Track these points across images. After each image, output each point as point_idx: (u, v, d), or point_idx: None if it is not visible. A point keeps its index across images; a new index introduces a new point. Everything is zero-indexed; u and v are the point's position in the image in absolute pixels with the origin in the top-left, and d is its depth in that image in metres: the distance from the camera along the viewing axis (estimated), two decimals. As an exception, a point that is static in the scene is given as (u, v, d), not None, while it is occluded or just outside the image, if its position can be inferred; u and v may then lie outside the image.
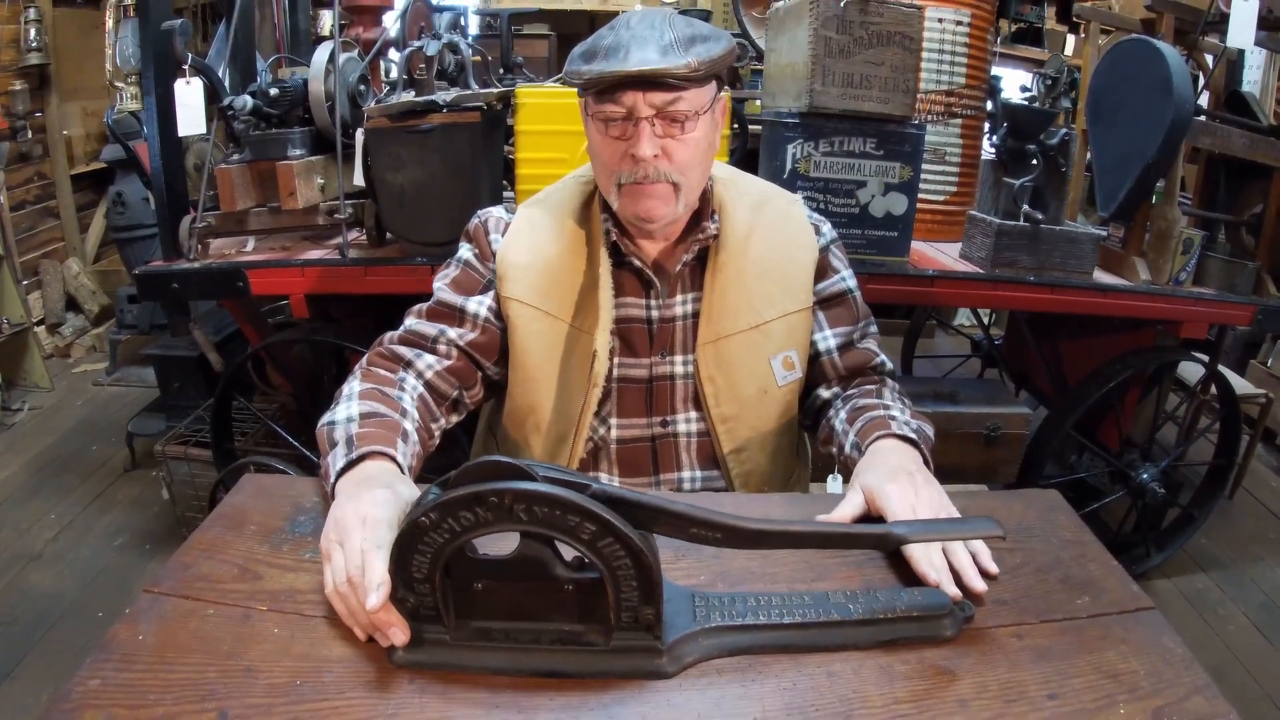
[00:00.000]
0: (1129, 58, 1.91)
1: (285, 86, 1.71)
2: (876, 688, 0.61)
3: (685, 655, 0.63)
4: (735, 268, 0.99)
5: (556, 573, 0.61)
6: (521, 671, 0.62)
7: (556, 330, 0.98)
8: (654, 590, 0.60)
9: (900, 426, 0.90)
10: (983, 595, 0.70)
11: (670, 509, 0.61)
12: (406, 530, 0.59)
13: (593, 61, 0.87)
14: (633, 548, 0.58)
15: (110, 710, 0.57)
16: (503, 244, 1.01)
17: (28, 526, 2.33)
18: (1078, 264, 1.84)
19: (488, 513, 0.58)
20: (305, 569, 0.73)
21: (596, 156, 0.94)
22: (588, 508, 0.57)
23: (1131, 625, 0.68)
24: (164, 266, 1.78)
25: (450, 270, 1.04)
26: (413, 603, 0.62)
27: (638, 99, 0.87)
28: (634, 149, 0.88)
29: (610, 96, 0.88)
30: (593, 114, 0.91)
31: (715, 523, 0.61)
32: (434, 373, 0.98)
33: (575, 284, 0.99)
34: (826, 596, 0.68)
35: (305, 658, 0.63)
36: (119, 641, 0.64)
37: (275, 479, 0.94)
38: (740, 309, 0.98)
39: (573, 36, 3.14)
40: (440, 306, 1.01)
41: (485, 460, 0.59)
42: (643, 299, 1.00)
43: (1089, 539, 0.82)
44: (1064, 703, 0.59)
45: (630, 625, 0.62)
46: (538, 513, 0.57)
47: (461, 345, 0.99)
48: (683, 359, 1.01)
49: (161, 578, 0.71)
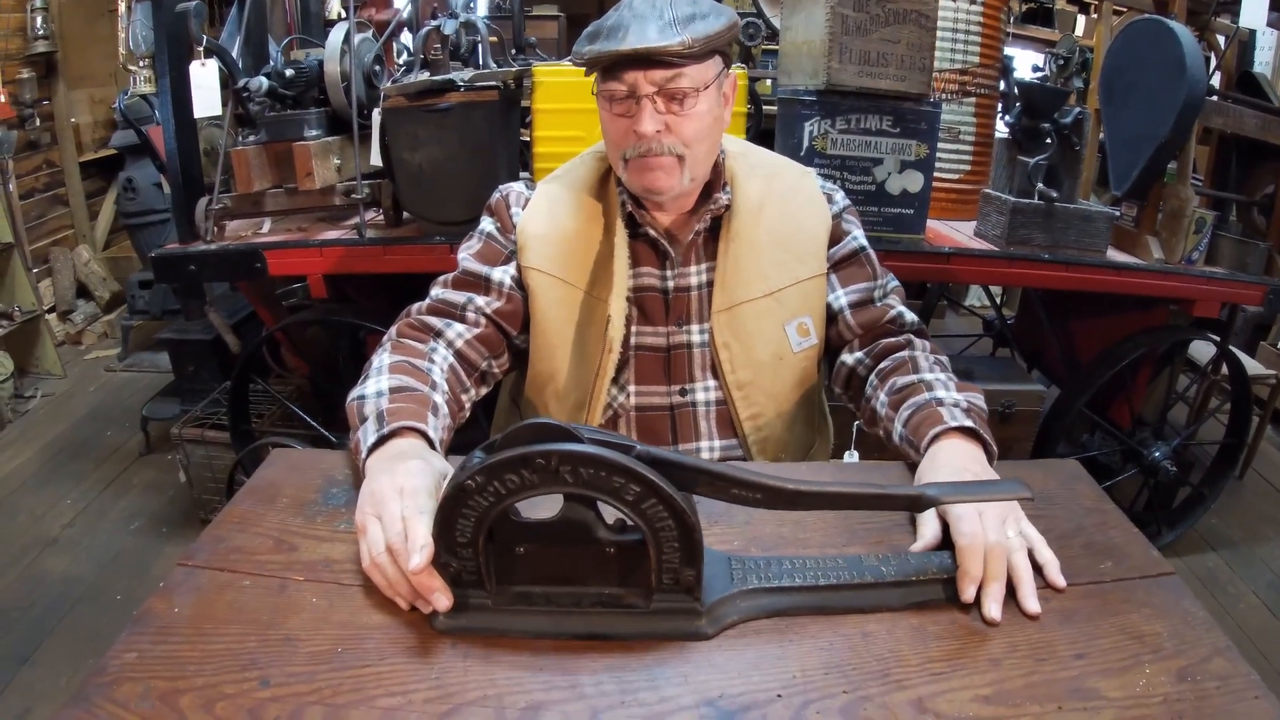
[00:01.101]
0: (1142, 37, 1.91)
1: (300, 67, 1.72)
2: (911, 647, 0.62)
3: (724, 616, 0.64)
4: (748, 236, 1.00)
5: (599, 535, 0.62)
6: (563, 634, 0.63)
7: (574, 298, 1.01)
8: (695, 551, 0.61)
9: (951, 414, 0.85)
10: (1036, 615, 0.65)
11: (712, 470, 0.62)
12: (451, 493, 0.60)
13: (595, 42, 0.90)
14: (676, 508, 0.59)
15: (148, 682, 0.57)
16: (523, 217, 1.03)
17: (43, 512, 2.34)
18: (1092, 242, 1.85)
19: (534, 475, 0.58)
20: (340, 539, 0.73)
21: (605, 131, 0.97)
22: (634, 469, 0.57)
23: (1154, 589, 0.69)
24: (180, 249, 1.79)
25: (473, 243, 1.06)
26: (455, 568, 0.63)
27: (638, 77, 0.89)
28: (637, 125, 0.91)
29: (613, 75, 0.90)
30: (599, 92, 0.94)
31: (756, 483, 0.62)
32: (464, 341, 0.99)
33: (592, 254, 1.01)
34: (860, 559, 0.69)
35: (346, 625, 0.63)
36: (154, 614, 0.64)
37: (305, 452, 0.94)
38: (753, 277, 1.00)
39: (582, 18, 3.13)
40: (467, 275, 1.03)
41: (532, 422, 0.60)
42: (658, 269, 1.02)
43: (1109, 507, 0.83)
44: (1091, 662, 0.60)
45: (670, 587, 0.62)
46: (583, 474, 0.58)
47: (489, 313, 1.01)
48: (699, 328, 1.02)
49: (195, 550, 0.71)
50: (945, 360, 0.99)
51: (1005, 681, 0.59)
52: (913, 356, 0.98)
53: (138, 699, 0.56)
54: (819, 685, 0.59)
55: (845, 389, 1.07)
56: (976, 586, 0.66)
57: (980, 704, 0.57)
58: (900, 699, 0.57)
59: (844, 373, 1.06)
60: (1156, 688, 0.58)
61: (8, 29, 3.28)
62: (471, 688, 0.58)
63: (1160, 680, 0.59)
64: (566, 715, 0.56)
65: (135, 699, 0.56)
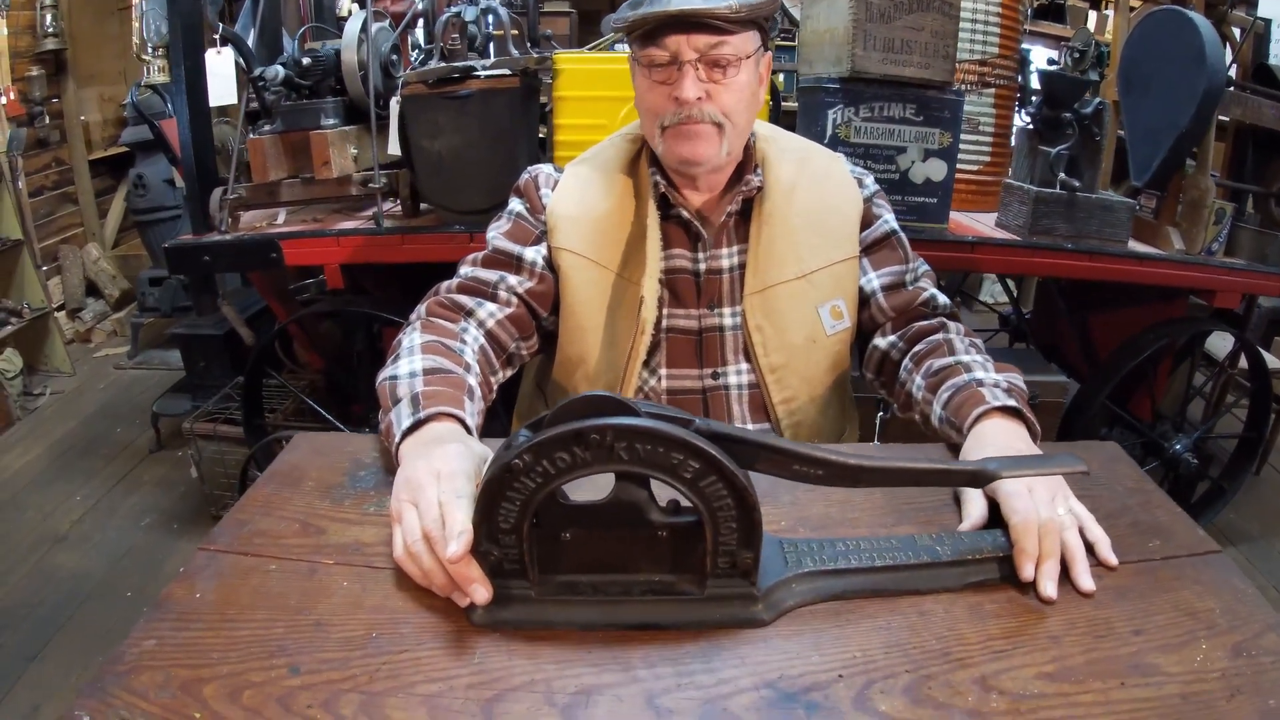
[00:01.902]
0: (1161, 28, 1.89)
1: (317, 56, 1.71)
2: (970, 626, 0.61)
3: (781, 602, 0.61)
4: (780, 219, 1.00)
5: (651, 518, 0.59)
6: (612, 625, 0.60)
7: (605, 280, 1.00)
8: (755, 532, 0.58)
9: (993, 394, 0.83)
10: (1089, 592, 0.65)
11: (774, 445, 0.59)
12: (496, 475, 0.56)
13: (639, 6, 0.89)
14: (737, 486, 0.56)
15: (169, 670, 0.54)
16: (553, 199, 1.02)
17: (52, 509, 2.33)
18: (1113, 232, 1.83)
19: (586, 452, 0.54)
20: (371, 522, 0.71)
21: (642, 101, 0.95)
22: (694, 444, 0.54)
23: (1202, 567, 0.68)
24: (194, 239, 1.78)
25: (502, 223, 1.05)
26: (496, 556, 0.59)
27: (681, 42, 0.88)
28: (678, 91, 0.90)
29: (654, 41, 0.89)
30: (638, 58, 0.92)
31: (818, 459, 0.60)
32: (495, 321, 0.97)
33: (623, 235, 1.00)
34: (914, 539, 0.67)
35: (380, 610, 0.60)
36: (175, 600, 0.61)
37: (330, 436, 0.91)
38: (786, 259, 0.99)
39: (594, 14, 3.13)
40: (498, 254, 1.01)
41: (586, 395, 0.56)
42: (690, 251, 1.01)
43: (1151, 487, 0.82)
44: (1149, 638, 0.60)
45: (726, 572, 0.60)
46: (639, 451, 0.54)
47: (520, 293, 0.99)
48: (730, 310, 1.01)
49: (216, 535, 0.68)
50: (979, 343, 0.98)
51: (1066, 659, 0.58)
52: (948, 339, 0.97)
53: (157, 688, 0.52)
54: (880, 665, 0.57)
55: (877, 374, 1.06)
56: (1034, 564, 0.65)
57: (1044, 681, 0.56)
58: (963, 677, 0.56)
59: (876, 357, 1.04)
60: (1214, 663, 0.57)
61: (18, 26, 3.27)
62: (517, 673, 0.56)
63: (1217, 655, 0.58)
64: (620, 699, 0.54)
65: (155, 688, 0.52)
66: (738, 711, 0.53)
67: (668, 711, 0.53)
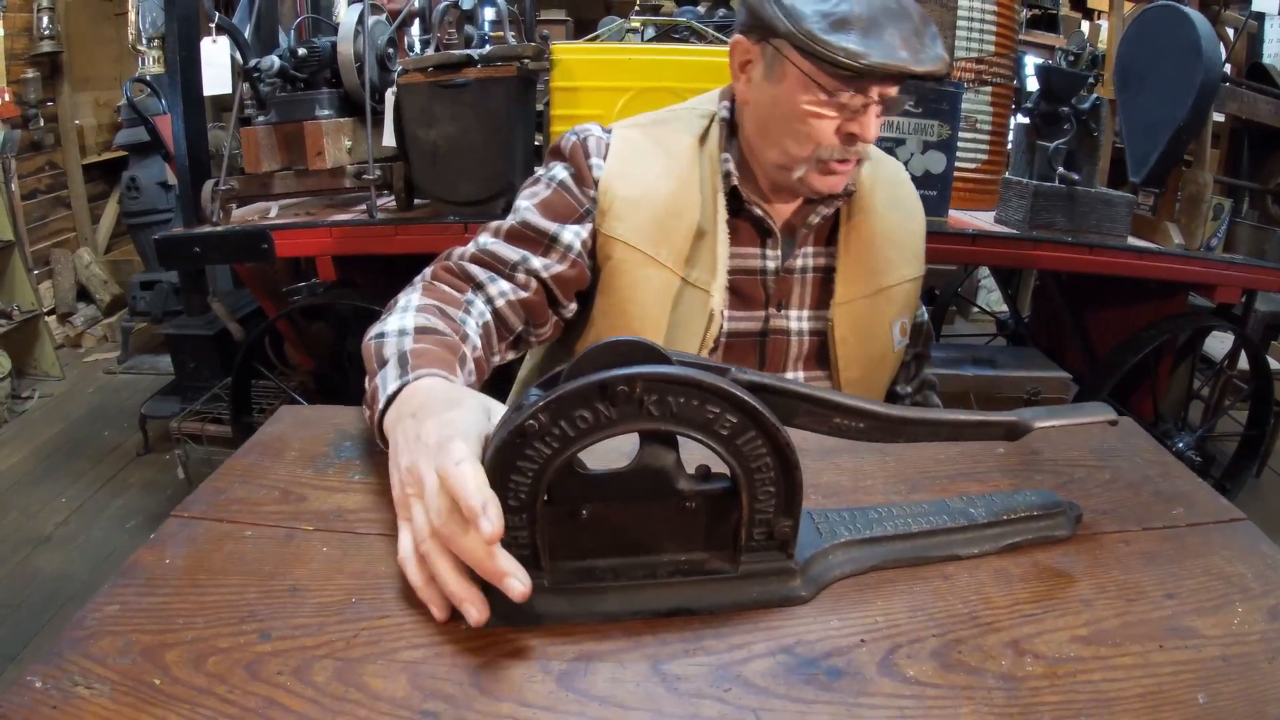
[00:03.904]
0: (1157, 24, 1.90)
1: (313, 47, 1.69)
2: (996, 589, 0.58)
3: (821, 575, 0.57)
4: (867, 228, 0.94)
5: (680, 486, 0.53)
6: (638, 614, 0.54)
7: (665, 281, 0.90)
8: (795, 496, 0.53)
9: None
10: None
11: (815, 396, 0.55)
12: (506, 441, 0.48)
13: (845, 33, 0.76)
14: (779, 442, 0.50)
15: (130, 636, 0.50)
16: (606, 171, 0.90)
17: (37, 510, 2.29)
18: (1113, 227, 1.83)
19: (612, 409, 0.47)
20: (355, 489, 0.67)
21: (799, 122, 0.83)
22: (735, 394, 0.48)
23: (1230, 533, 0.67)
24: (185, 231, 1.75)
25: (539, 189, 0.92)
26: (504, 541, 0.51)
27: (882, 90, 0.80)
28: (857, 129, 0.82)
29: (855, 83, 0.79)
30: (819, 82, 0.80)
31: (863, 410, 0.56)
32: (506, 301, 0.88)
33: (687, 230, 0.90)
34: (945, 503, 0.65)
35: (361, 575, 0.56)
36: (143, 565, 0.56)
37: (316, 408, 0.88)
38: (872, 271, 0.95)
39: (589, 22, 3.14)
40: (526, 230, 0.90)
41: (610, 341, 0.49)
42: (757, 248, 0.93)
43: (1170, 459, 0.81)
44: (1183, 602, 0.58)
45: (762, 544, 0.54)
46: (671, 405, 0.48)
47: (544, 277, 0.89)
48: (798, 314, 0.95)
49: (191, 502, 0.64)
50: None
51: (1101, 622, 0.55)
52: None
53: (117, 654, 0.49)
54: (905, 630, 0.54)
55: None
56: None
57: (1079, 644, 0.53)
58: (994, 641, 0.53)
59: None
60: (1251, 625, 0.55)
61: (14, 28, 3.26)
62: (509, 638, 0.51)
63: (1254, 618, 0.56)
64: (623, 665, 0.50)
65: (114, 654, 0.49)
66: (753, 678, 0.50)
67: (675, 679, 0.50)
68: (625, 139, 0.92)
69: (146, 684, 0.47)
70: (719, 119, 0.93)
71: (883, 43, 0.75)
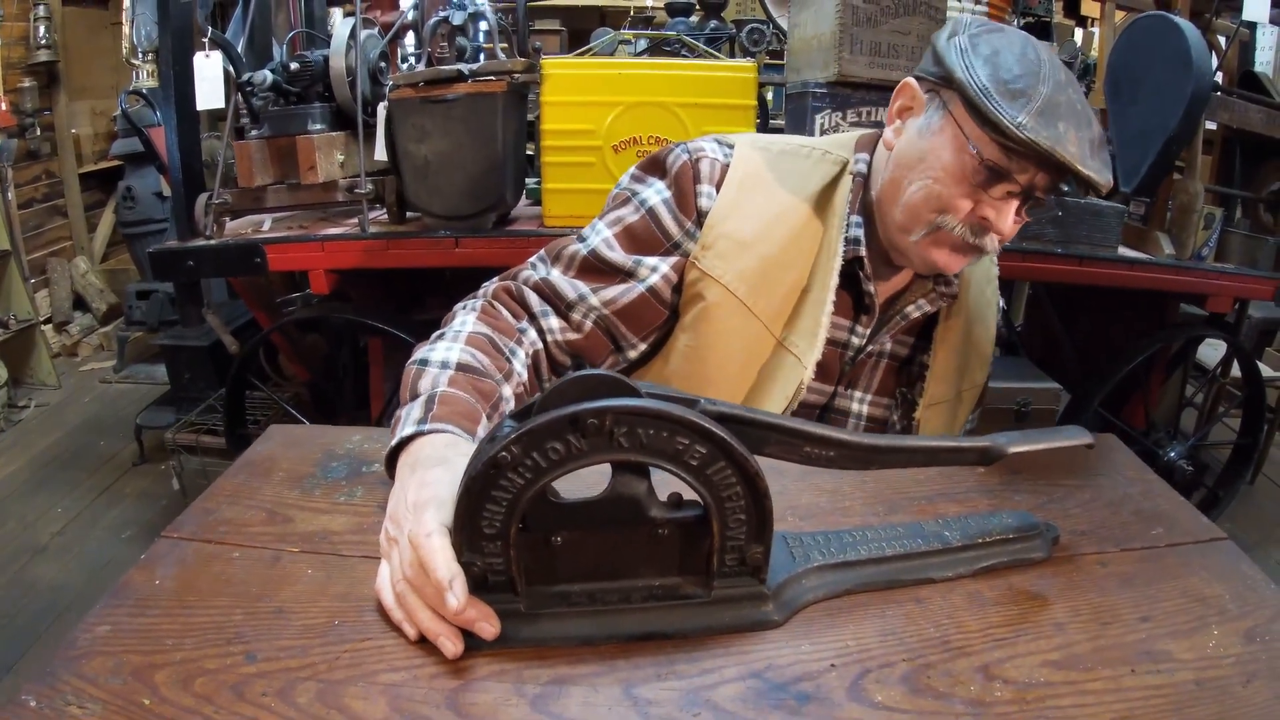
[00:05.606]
0: (1147, 34, 1.91)
1: (306, 61, 1.70)
2: (969, 613, 0.58)
3: (793, 600, 0.57)
4: (959, 330, 0.91)
5: (652, 514, 0.54)
6: (613, 638, 0.55)
7: (758, 337, 0.83)
8: (766, 523, 0.54)
9: None
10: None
11: (785, 426, 0.56)
12: (480, 473, 0.49)
13: (1020, 105, 0.70)
14: (748, 472, 0.52)
15: (121, 656, 0.52)
16: (719, 202, 0.82)
17: (33, 520, 2.29)
18: (1103, 238, 1.83)
19: (583, 440, 0.48)
20: (340, 511, 0.68)
21: (932, 181, 0.76)
22: (703, 425, 0.50)
23: (1209, 553, 0.67)
24: (179, 245, 1.76)
25: (625, 213, 0.84)
26: (479, 568, 0.52)
27: (1038, 177, 0.74)
28: (991, 215, 0.75)
29: (1014, 160, 0.72)
30: (975, 144, 0.73)
31: (832, 439, 0.56)
32: (553, 340, 0.83)
33: (792, 286, 0.83)
34: (920, 525, 0.65)
35: (344, 597, 0.58)
36: (133, 586, 0.58)
37: (304, 428, 0.91)
38: (958, 373, 0.92)
39: (583, 32, 3.15)
40: (598, 262, 0.82)
41: (578, 375, 0.50)
42: (849, 320, 0.88)
43: (1152, 477, 0.81)
44: (1158, 625, 0.58)
45: (734, 570, 0.55)
46: (641, 436, 0.49)
47: (605, 314, 0.82)
48: (861, 396, 0.92)
49: (180, 523, 0.66)
50: None
51: (1073, 646, 0.55)
52: None
53: (108, 674, 0.51)
54: (875, 654, 0.54)
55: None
56: None
57: (1050, 669, 0.53)
58: (964, 666, 0.53)
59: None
60: (1227, 648, 0.55)
61: (10, 37, 3.28)
62: (485, 661, 0.53)
63: (1230, 641, 0.56)
64: (596, 689, 0.51)
65: (105, 674, 0.51)
66: (723, 703, 0.50)
67: (647, 703, 0.50)
68: (748, 164, 0.84)
69: (136, 704, 0.49)
70: (852, 172, 0.86)
71: (1055, 130, 0.70)
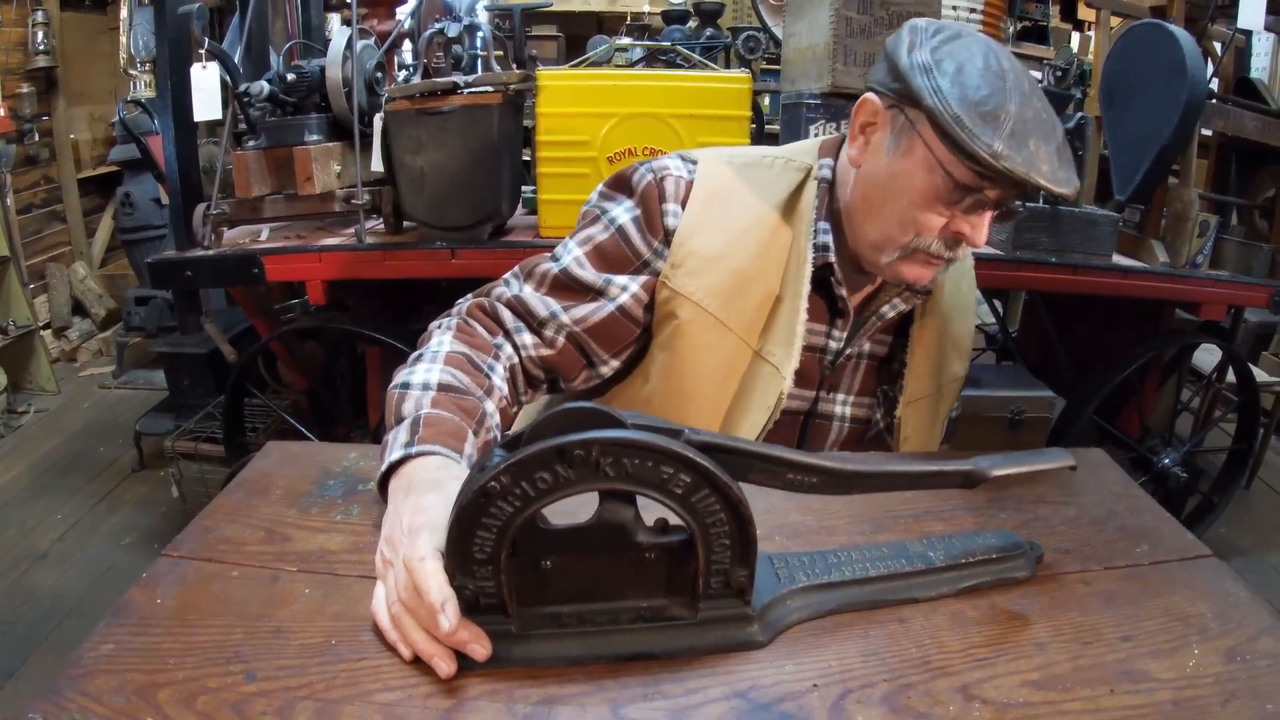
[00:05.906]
0: (1142, 41, 1.92)
1: (302, 72, 1.71)
2: (951, 633, 0.59)
3: (778, 621, 0.59)
4: (935, 326, 0.92)
5: (638, 539, 0.55)
6: (601, 658, 0.56)
7: (735, 350, 0.84)
8: (750, 547, 0.55)
9: None
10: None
11: (767, 454, 0.57)
12: (470, 501, 0.51)
13: (993, 129, 0.70)
14: (731, 499, 0.53)
15: (125, 675, 0.53)
16: (685, 220, 0.83)
17: (33, 526, 2.30)
18: (1097, 246, 1.84)
19: (570, 470, 0.50)
20: (337, 530, 0.70)
21: (907, 206, 0.76)
22: (686, 456, 0.51)
23: (1194, 570, 0.68)
24: (177, 255, 1.77)
25: (595, 231, 0.85)
26: (471, 591, 0.54)
27: (1008, 195, 0.75)
28: (967, 230, 0.76)
29: (986, 180, 0.73)
30: (949, 170, 0.73)
31: (814, 466, 0.58)
32: (527, 356, 0.84)
33: (764, 296, 0.84)
34: (904, 546, 0.66)
35: (341, 617, 0.59)
36: (135, 605, 0.60)
37: (303, 445, 0.91)
38: (937, 368, 0.94)
39: (581, 38, 3.16)
40: (569, 281, 0.83)
41: (566, 408, 0.51)
42: (824, 325, 0.89)
43: (1138, 493, 0.82)
44: (1139, 644, 0.59)
45: (719, 592, 0.57)
46: (627, 466, 0.51)
47: (575, 331, 0.83)
48: (844, 399, 0.93)
49: (180, 541, 0.67)
50: None
51: (1053, 666, 0.56)
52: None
53: (111, 693, 0.52)
54: (858, 674, 0.55)
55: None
56: None
57: (1029, 689, 0.54)
58: (944, 686, 0.54)
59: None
60: (1207, 668, 0.56)
61: (8, 43, 3.28)
62: (478, 682, 0.54)
63: (1210, 660, 0.57)
64: (584, 709, 0.52)
65: (109, 693, 0.52)
66: (707, 723, 0.51)
67: (634, 723, 0.52)
68: (713, 179, 0.85)
69: (141, 721, 0.50)
70: (816, 178, 0.86)
71: (1027, 151, 0.70)
